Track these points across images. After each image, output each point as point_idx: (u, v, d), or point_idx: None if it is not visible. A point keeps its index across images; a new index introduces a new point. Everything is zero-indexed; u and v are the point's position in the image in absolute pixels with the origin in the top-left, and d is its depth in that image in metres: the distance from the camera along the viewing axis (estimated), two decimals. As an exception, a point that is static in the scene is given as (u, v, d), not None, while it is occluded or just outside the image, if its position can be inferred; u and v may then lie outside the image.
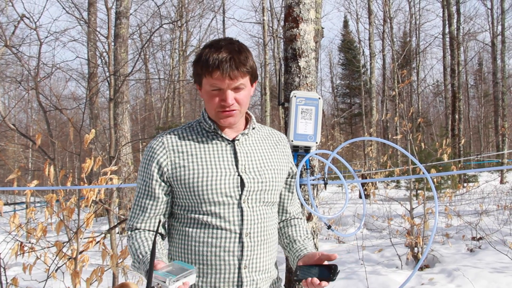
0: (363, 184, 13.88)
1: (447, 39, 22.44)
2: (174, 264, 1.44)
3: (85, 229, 3.92)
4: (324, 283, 1.56)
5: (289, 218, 1.97)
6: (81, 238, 3.94)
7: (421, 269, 6.03)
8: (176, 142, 1.72)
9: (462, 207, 11.23)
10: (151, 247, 1.65)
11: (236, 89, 1.64)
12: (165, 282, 1.34)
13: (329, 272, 1.59)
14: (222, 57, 1.58)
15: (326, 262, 1.65)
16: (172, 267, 1.43)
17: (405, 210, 6.89)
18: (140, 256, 1.63)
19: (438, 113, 37.80)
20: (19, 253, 3.74)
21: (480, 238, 7.21)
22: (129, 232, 1.74)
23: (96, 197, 3.95)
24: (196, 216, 1.68)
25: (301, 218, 2.00)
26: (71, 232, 4.09)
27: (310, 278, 1.58)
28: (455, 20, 21.66)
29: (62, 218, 3.96)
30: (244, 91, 1.67)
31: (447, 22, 21.93)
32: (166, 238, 1.83)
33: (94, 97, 13.78)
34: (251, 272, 1.69)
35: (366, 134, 25.91)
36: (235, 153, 1.72)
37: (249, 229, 1.68)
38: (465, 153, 21.70)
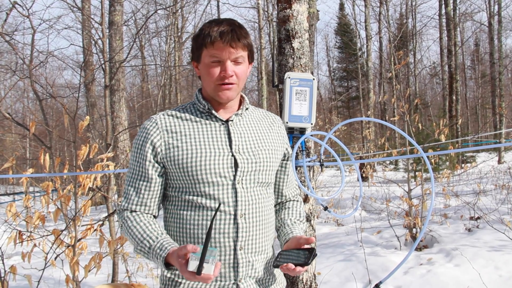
0: (361, 167, 13.90)
1: (444, 20, 22.32)
2: (198, 247, 1.45)
3: (83, 217, 3.92)
4: (299, 268, 1.55)
5: (285, 201, 1.96)
6: (79, 226, 3.94)
7: (419, 249, 6.05)
8: (170, 123, 1.71)
9: (460, 187, 11.27)
10: (158, 233, 1.65)
11: (236, 62, 1.67)
12: (208, 262, 1.40)
13: (305, 257, 1.57)
14: (224, 29, 1.63)
15: (306, 246, 1.64)
16: (200, 249, 1.46)
17: (403, 191, 6.90)
18: (151, 242, 1.61)
19: (435, 94, 37.75)
20: (17, 241, 3.73)
21: (478, 218, 7.23)
22: (124, 214, 1.72)
23: (93, 184, 3.94)
24: (190, 197, 1.67)
25: (297, 200, 1.99)
26: (69, 219, 4.08)
27: (285, 264, 1.56)
28: (451, 1, 21.51)
29: (59, 206, 3.96)
30: (243, 66, 1.70)
31: (443, 2, 21.80)
32: (162, 223, 1.82)
33: (90, 85, 13.72)
34: (247, 253, 1.68)
35: (363, 116, 25.87)
36: (228, 134, 1.72)
37: (243, 210, 1.67)
38: (463, 133, 21.73)
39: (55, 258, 3.90)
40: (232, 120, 1.74)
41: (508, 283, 4.54)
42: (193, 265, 1.41)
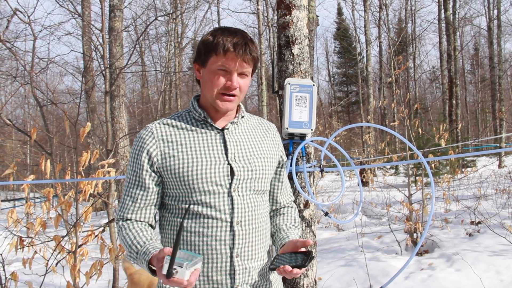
0: (361, 172, 13.89)
1: (443, 25, 22.34)
2: (181, 252, 1.45)
3: (84, 223, 3.92)
4: (296, 270, 1.55)
5: (279, 208, 1.97)
6: (80, 232, 3.94)
7: (420, 254, 6.05)
8: (166, 132, 1.72)
9: (460, 192, 11.26)
10: (147, 238, 1.65)
11: (241, 75, 1.68)
12: (182, 266, 1.38)
13: (302, 259, 1.58)
14: (238, 41, 1.63)
15: (302, 249, 1.65)
16: (180, 255, 1.44)
17: (404, 196, 6.90)
18: (138, 247, 1.62)
19: (435, 99, 37.75)
20: (18, 247, 3.74)
21: (479, 222, 7.22)
22: (120, 223, 1.73)
23: (94, 191, 3.95)
24: (187, 206, 1.68)
25: (291, 207, 2.00)
26: (70, 226, 4.09)
27: (282, 266, 1.57)
28: (451, 5, 21.53)
29: (60, 212, 3.96)
30: (247, 80, 1.71)
31: (442, 7, 21.83)
32: (158, 229, 1.83)
33: (90, 91, 13.74)
34: (243, 260, 1.69)
35: (363, 121, 25.86)
36: (224, 142, 1.72)
37: (240, 218, 1.68)
38: (463, 138, 21.72)
39: (56, 264, 3.90)
40: (227, 129, 1.75)
41: (510, 287, 4.54)
42: (165, 268, 1.39)
